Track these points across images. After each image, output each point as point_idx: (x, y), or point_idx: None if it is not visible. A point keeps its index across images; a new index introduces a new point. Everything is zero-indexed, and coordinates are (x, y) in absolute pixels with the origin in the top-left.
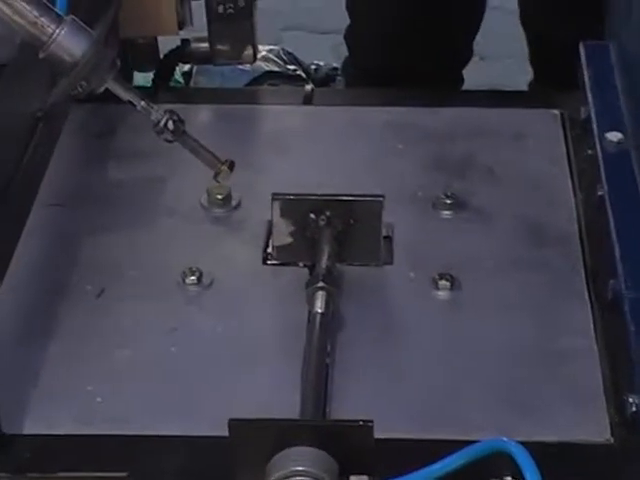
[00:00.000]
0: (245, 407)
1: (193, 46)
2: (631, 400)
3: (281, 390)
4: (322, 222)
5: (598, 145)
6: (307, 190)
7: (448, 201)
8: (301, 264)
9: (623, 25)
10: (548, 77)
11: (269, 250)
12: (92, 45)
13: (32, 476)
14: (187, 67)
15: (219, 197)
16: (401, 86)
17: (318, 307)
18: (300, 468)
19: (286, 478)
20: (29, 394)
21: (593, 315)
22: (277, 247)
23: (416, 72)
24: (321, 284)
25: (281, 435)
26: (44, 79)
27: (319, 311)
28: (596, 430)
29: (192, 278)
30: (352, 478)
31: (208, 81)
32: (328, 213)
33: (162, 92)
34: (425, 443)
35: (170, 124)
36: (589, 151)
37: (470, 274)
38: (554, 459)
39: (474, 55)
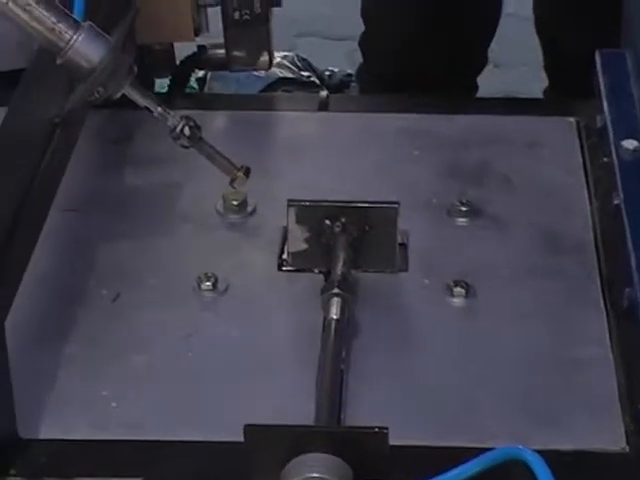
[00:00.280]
0: (260, 413)
1: (209, 52)
2: None
3: (296, 396)
4: (337, 228)
5: (614, 153)
6: (322, 196)
7: (463, 208)
8: (316, 270)
9: (639, 33)
10: (563, 85)
11: (284, 256)
12: (109, 51)
13: None
14: (201, 73)
15: (235, 203)
16: (415, 93)
17: (333, 313)
18: (315, 474)
19: None
20: (45, 399)
21: (608, 323)
22: (292, 253)
23: (431, 79)
24: (336, 290)
25: (296, 441)
26: (61, 85)
27: (334, 317)
28: (611, 439)
29: (207, 284)
30: None
31: (222, 87)
32: (343, 220)
33: (178, 98)
34: (440, 450)
35: (186, 130)
36: (605, 159)
37: (485, 281)
38: (569, 467)
39: (488, 62)
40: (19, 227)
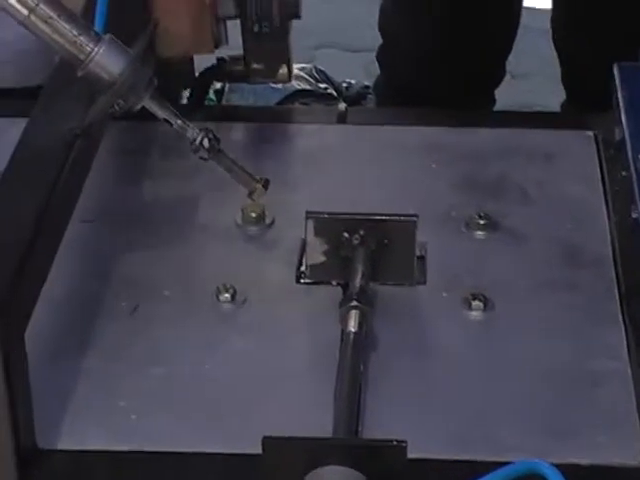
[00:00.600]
0: (278, 425)
1: (228, 64)
2: None
3: (314, 408)
4: (356, 241)
5: (632, 167)
6: (341, 209)
7: (481, 221)
8: (334, 283)
9: None
10: (580, 98)
11: (302, 269)
12: (130, 64)
13: None
14: (219, 85)
15: (253, 215)
16: (433, 106)
17: (351, 326)
18: None
19: None
20: (63, 409)
21: (627, 338)
22: (311, 266)
23: (448, 92)
24: (355, 303)
25: (314, 453)
26: (82, 97)
27: (352, 330)
28: (630, 453)
29: (226, 295)
30: None
31: (240, 99)
32: (362, 232)
33: (197, 110)
34: (458, 464)
35: (206, 142)
36: (623, 173)
37: (503, 295)
38: None
39: (505, 74)
40: (39, 238)
